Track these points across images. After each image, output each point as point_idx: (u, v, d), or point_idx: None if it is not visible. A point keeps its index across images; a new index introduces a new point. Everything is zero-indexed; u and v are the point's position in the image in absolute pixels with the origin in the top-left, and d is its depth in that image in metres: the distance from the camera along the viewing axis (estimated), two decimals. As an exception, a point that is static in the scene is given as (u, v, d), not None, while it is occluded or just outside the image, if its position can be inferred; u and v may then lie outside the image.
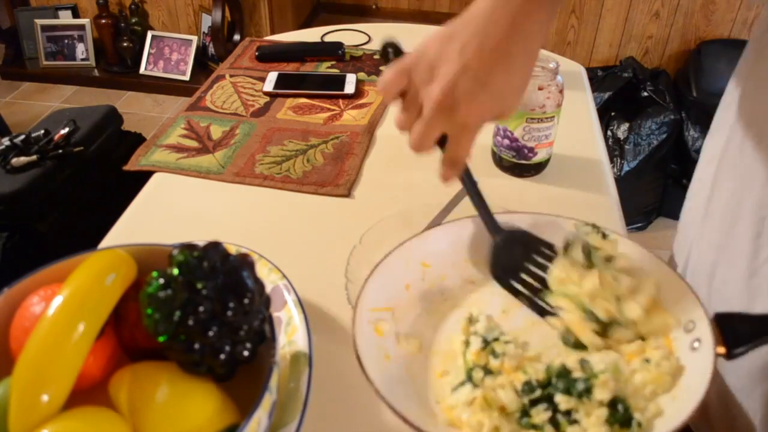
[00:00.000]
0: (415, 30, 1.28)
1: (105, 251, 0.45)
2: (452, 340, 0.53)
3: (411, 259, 0.57)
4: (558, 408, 0.45)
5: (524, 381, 0.46)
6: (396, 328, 0.53)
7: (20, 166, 1.47)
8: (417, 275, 0.58)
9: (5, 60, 2.95)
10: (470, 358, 0.49)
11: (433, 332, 0.54)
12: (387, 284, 0.55)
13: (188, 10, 2.84)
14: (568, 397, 0.45)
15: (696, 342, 0.47)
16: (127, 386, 0.41)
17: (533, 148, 0.80)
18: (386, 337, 0.52)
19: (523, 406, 0.46)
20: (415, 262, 0.58)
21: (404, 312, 0.55)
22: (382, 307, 0.54)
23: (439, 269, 0.58)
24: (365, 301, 0.52)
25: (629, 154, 2.06)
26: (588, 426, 0.44)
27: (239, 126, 0.93)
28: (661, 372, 0.46)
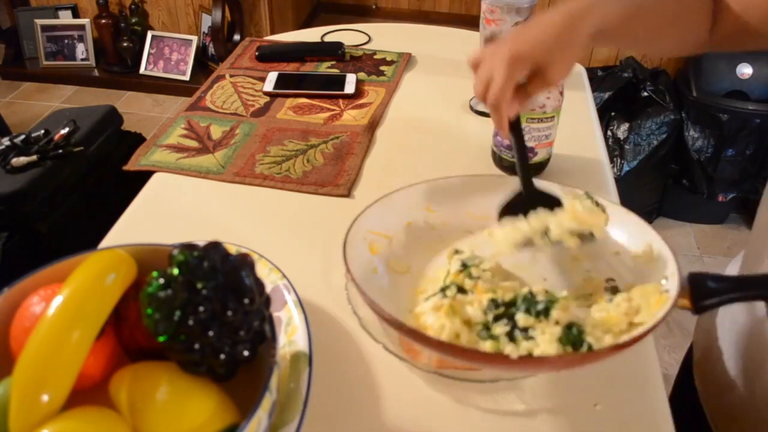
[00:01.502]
0: (415, 30, 1.28)
1: (105, 251, 0.45)
2: (439, 269, 0.57)
3: (417, 201, 0.62)
4: (517, 324, 0.48)
5: (490, 299, 0.49)
6: (389, 253, 0.58)
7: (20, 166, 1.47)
8: (420, 216, 0.62)
9: (5, 60, 2.95)
10: (449, 279, 0.52)
11: (422, 263, 0.59)
12: (389, 215, 0.59)
13: (188, 10, 2.84)
14: (527, 315, 0.48)
15: (665, 293, 0.49)
16: (127, 386, 0.41)
17: (533, 148, 0.80)
18: (379, 255, 0.56)
19: (486, 322, 0.48)
20: (420, 205, 0.62)
21: (400, 243, 0.59)
22: (381, 233, 0.58)
23: (442, 216, 0.62)
24: (365, 221, 0.56)
25: (629, 154, 2.06)
26: (541, 342, 0.46)
27: (239, 126, 0.93)
28: (619, 311, 0.49)
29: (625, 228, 0.58)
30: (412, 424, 0.53)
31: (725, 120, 2.01)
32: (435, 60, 1.14)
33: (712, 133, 2.05)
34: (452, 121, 0.96)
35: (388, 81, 1.05)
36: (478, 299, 0.50)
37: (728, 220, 2.21)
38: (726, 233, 2.18)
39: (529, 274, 0.57)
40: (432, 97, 1.03)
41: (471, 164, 0.85)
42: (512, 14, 0.98)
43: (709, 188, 2.11)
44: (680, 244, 2.13)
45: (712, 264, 2.01)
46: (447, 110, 0.99)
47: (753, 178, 2.08)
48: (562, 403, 0.55)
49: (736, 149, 2.04)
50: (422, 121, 0.96)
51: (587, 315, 0.50)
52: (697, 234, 2.18)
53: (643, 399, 0.55)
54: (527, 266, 0.58)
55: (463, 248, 0.57)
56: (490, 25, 1.00)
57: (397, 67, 1.10)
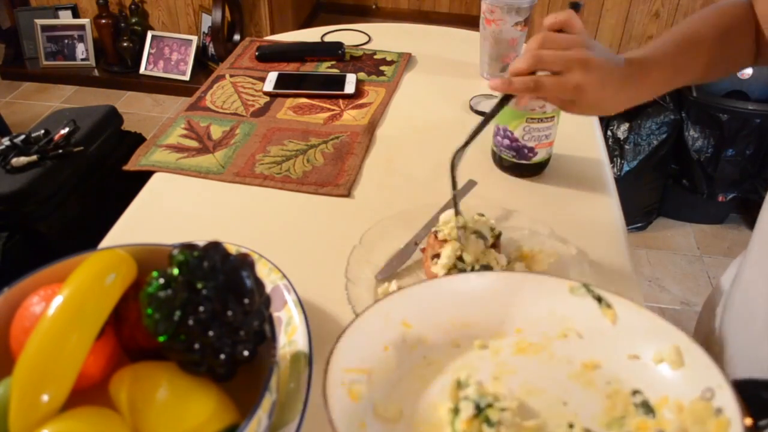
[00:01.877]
0: (415, 30, 1.28)
1: (105, 251, 0.45)
2: (437, 408, 0.47)
3: (390, 317, 0.52)
4: None
5: None
6: (372, 394, 0.47)
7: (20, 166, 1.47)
8: (397, 336, 0.51)
9: (5, 60, 2.95)
10: (460, 427, 0.44)
11: (415, 399, 0.48)
12: (363, 343, 0.49)
13: (188, 10, 2.84)
14: None
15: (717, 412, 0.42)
16: (127, 386, 0.41)
17: (533, 148, 0.80)
18: (362, 402, 0.46)
19: None
20: (395, 322, 0.52)
21: (382, 376, 0.49)
22: (357, 368, 0.48)
23: (422, 330, 0.52)
24: (338, 359, 0.46)
25: (629, 154, 2.06)
26: None
27: (239, 126, 0.93)
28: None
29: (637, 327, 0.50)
30: (412, 424, 0.53)
31: (725, 120, 2.01)
32: (435, 60, 1.14)
33: (712, 133, 2.05)
34: (452, 121, 0.96)
35: (388, 81, 1.05)
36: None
37: (728, 220, 2.21)
38: (726, 233, 2.18)
39: (545, 399, 0.48)
40: (432, 97, 1.03)
41: (471, 164, 0.85)
42: (512, 14, 0.98)
43: (709, 188, 2.11)
44: (680, 244, 2.13)
45: (712, 264, 2.01)
46: (447, 110, 0.99)
47: (753, 178, 2.08)
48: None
49: (736, 149, 2.04)
50: (422, 121, 0.96)
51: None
52: (697, 234, 2.18)
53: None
54: (539, 386, 0.49)
55: (462, 376, 0.47)
56: (490, 25, 1.00)
57: (397, 67, 1.10)
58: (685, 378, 0.45)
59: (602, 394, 0.48)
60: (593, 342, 0.51)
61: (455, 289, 0.54)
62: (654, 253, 2.07)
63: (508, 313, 0.53)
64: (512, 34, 1.00)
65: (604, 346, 0.50)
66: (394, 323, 0.52)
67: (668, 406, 0.45)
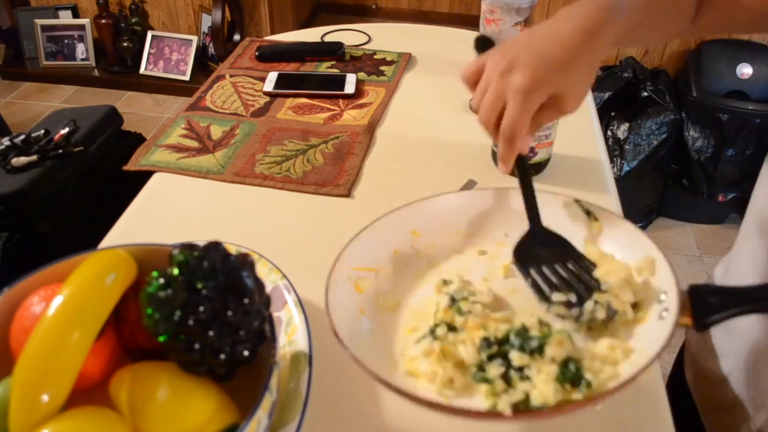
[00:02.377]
0: (415, 30, 1.28)
1: (105, 251, 0.45)
2: (427, 302, 0.54)
3: (402, 226, 0.58)
4: (512, 364, 0.46)
5: (483, 337, 0.47)
6: (377, 288, 0.54)
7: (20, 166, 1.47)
8: (406, 242, 0.58)
9: (5, 60, 2.95)
10: (438, 315, 0.50)
11: (412, 293, 0.56)
12: (374, 246, 0.56)
13: (188, 10, 2.84)
14: (521, 353, 0.46)
15: (664, 311, 0.46)
16: (127, 386, 0.41)
17: (533, 148, 0.80)
18: (365, 294, 0.53)
19: (480, 362, 0.47)
20: (405, 230, 0.58)
21: (388, 274, 0.56)
22: (366, 267, 0.55)
23: (429, 238, 0.59)
24: (347, 259, 0.53)
25: (629, 154, 2.06)
26: (538, 382, 0.44)
27: (239, 126, 0.93)
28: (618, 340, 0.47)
29: (618, 238, 0.54)
30: (412, 424, 0.53)
31: (725, 120, 2.01)
32: (435, 60, 1.14)
33: (712, 133, 2.05)
34: (452, 121, 0.96)
35: (388, 81, 1.05)
36: (470, 337, 0.48)
37: (728, 220, 2.21)
38: (726, 233, 2.18)
39: (521, 298, 0.53)
40: (432, 97, 1.03)
41: (471, 164, 0.85)
42: (512, 14, 0.98)
43: (709, 188, 2.12)
44: (680, 244, 2.13)
45: (712, 264, 2.01)
46: (447, 110, 0.99)
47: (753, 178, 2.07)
48: (562, 403, 0.55)
49: (736, 149, 2.04)
50: (422, 121, 0.96)
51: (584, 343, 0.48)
52: (697, 234, 2.18)
53: (643, 399, 0.55)
54: (521, 288, 0.54)
55: (452, 275, 0.55)
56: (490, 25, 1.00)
57: (397, 67, 1.10)
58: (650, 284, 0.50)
59: None
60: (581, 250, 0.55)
61: (462, 203, 0.61)
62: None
63: (508, 225, 0.58)
64: (512, 34, 1.00)
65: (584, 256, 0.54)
66: (404, 231, 0.58)
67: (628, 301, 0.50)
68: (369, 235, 0.56)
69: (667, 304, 0.47)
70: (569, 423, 0.53)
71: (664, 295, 0.48)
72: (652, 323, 0.47)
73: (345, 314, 0.49)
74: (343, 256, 0.53)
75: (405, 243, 0.58)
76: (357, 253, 0.54)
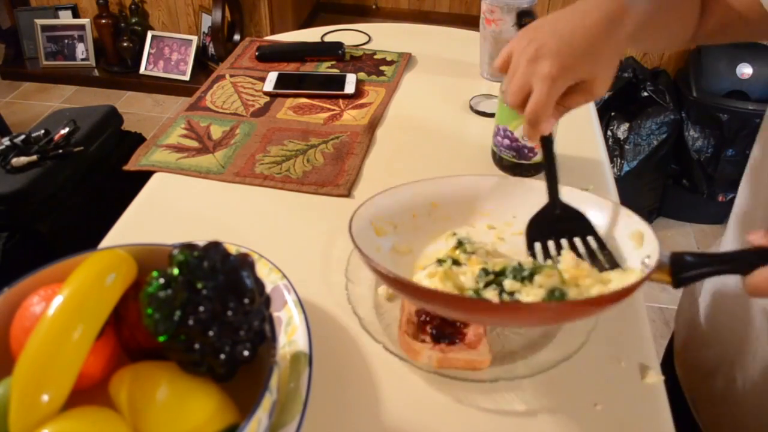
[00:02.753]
0: (415, 30, 1.28)
1: (105, 251, 0.45)
2: (438, 252, 0.60)
3: (423, 196, 0.64)
4: (504, 289, 0.51)
5: (481, 268, 0.53)
6: (394, 236, 0.61)
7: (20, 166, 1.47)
8: (425, 210, 0.64)
9: (5, 60, 2.95)
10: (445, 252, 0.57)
11: (424, 245, 0.62)
12: (395, 207, 0.62)
13: (188, 10, 2.84)
14: (514, 281, 0.51)
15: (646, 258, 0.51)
16: (127, 386, 0.41)
17: (533, 148, 0.80)
18: (383, 237, 0.60)
19: (477, 289, 0.52)
20: (425, 199, 0.65)
21: (405, 230, 0.62)
22: (388, 221, 0.62)
23: (447, 212, 0.65)
24: (372, 207, 0.60)
25: (629, 154, 2.06)
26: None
27: (239, 126, 0.93)
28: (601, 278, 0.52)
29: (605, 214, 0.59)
30: (412, 424, 0.53)
31: (725, 120, 2.01)
32: (435, 60, 1.14)
33: (712, 133, 2.05)
34: (452, 121, 0.96)
35: (388, 81, 1.05)
36: (471, 269, 0.54)
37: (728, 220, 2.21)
38: (726, 233, 2.18)
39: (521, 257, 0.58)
40: (432, 97, 1.03)
41: (471, 164, 0.85)
42: (512, 14, 0.98)
43: (709, 188, 2.12)
44: (680, 244, 2.13)
45: (712, 264, 2.01)
46: (447, 110, 0.99)
47: (753, 178, 2.08)
48: (562, 403, 0.55)
49: (736, 149, 2.04)
50: (422, 121, 0.96)
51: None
52: (697, 234, 2.18)
53: (642, 399, 0.55)
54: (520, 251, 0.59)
55: (462, 233, 0.61)
56: (490, 25, 1.00)
57: (397, 67, 1.10)
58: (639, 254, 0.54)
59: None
60: None
61: (481, 185, 0.67)
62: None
63: (519, 208, 0.64)
64: (512, 34, 1.00)
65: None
66: (425, 201, 0.65)
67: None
68: (393, 195, 0.62)
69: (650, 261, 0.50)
70: (569, 422, 0.53)
71: (647, 259, 0.51)
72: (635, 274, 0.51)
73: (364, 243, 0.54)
74: (369, 202, 0.59)
75: (424, 211, 0.64)
76: (382, 206, 0.61)
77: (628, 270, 0.52)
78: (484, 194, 0.66)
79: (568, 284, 0.51)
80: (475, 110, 0.98)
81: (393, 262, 0.59)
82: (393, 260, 0.59)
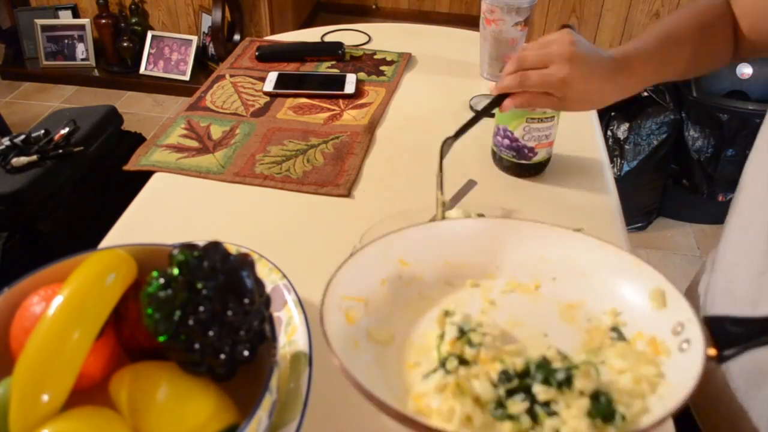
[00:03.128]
0: (415, 30, 1.28)
1: (105, 251, 0.45)
2: (427, 335, 0.50)
3: (389, 254, 0.54)
4: (536, 399, 0.42)
5: (501, 370, 0.44)
6: (368, 320, 0.50)
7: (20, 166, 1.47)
8: (394, 272, 0.54)
9: (5, 60, 2.95)
10: (445, 348, 0.46)
11: (407, 327, 0.51)
12: (362, 275, 0.52)
13: (188, 10, 2.84)
14: (547, 387, 0.42)
15: (685, 343, 0.44)
16: (127, 386, 0.41)
17: (533, 148, 0.80)
18: (356, 325, 0.49)
19: (499, 398, 0.43)
20: (392, 259, 0.54)
21: (377, 306, 0.52)
22: (354, 296, 0.51)
23: (418, 268, 0.55)
24: (338, 285, 0.49)
25: (629, 154, 2.06)
26: (568, 418, 0.41)
27: (239, 126, 0.93)
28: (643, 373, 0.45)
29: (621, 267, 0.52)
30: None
31: (725, 120, 2.01)
32: (435, 60, 1.14)
33: (712, 133, 2.05)
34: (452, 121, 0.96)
35: (388, 81, 1.05)
36: (485, 371, 0.44)
37: (728, 220, 2.21)
38: (726, 233, 2.18)
39: (527, 331, 0.50)
40: (432, 97, 1.03)
41: (471, 164, 0.85)
42: (512, 14, 0.98)
43: (709, 188, 2.11)
44: (680, 244, 2.13)
45: (712, 264, 2.01)
46: (447, 110, 0.99)
47: (753, 178, 2.08)
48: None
49: (736, 149, 2.04)
50: (422, 121, 0.96)
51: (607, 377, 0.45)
52: (697, 234, 2.18)
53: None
54: (523, 320, 0.51)
55: (450, 307, 0.51)
56: (490, 25, 1.00)
57: (397, 67, 1.10)
58: (662, 317, 0.48)
59: (582, 330, 0.50)
60: (580, 285, 0.53)
61: (452, 232, 0.57)
62: (654, 253, 2.07)
63: (501, 256, 0.56)
64: (512, 34, 1.00)
65: (590, 289, 0.52)
66: (391, 260, 0.54)
67: (642, 339, 0.48)
68: (356, 263, 0.52)
69: (687, 335, 0.45)
70: (569, 423, 0.53)
71: (680, 327, 0.46)
72: (674, 356, 0.45)
73: (341, 345, 0.45)
74: (332, 283, 0.49)
75: (393, 272, 0.54)
76: (346, 280, 0.50)
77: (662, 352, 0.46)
78: (456, 242, 0.56)
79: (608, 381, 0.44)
80: (475, 110, 0.98)
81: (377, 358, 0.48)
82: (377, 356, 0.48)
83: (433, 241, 0.56)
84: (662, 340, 0.47)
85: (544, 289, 0.54)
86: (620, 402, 0.42)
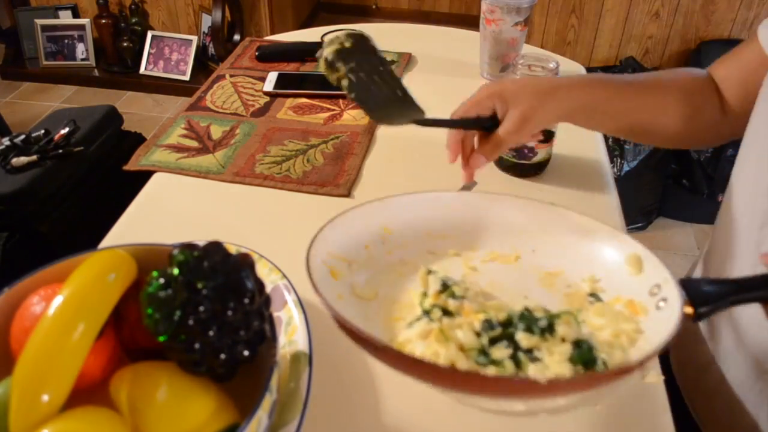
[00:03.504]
0: (415, 30, 1.28)
1: (105, 251, 0.45)
2: (409, 292, 0.51)
3: (373, 220, 0.55)
4: (519, 346, 0.43)
5: (484, 319, 0.44)
6: (352, 278, 0.51)
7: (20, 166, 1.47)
8: (377, 238, 0.55)
9: (5, 60, 2.95)
10: (428, 302, 0.47)
11: (390, 287, 0.52)
12: (346, 238, 0.53)
13: (188, 10, 2.84)
14: (529, 334, 0.43)
15: (662, 302, 0.45)
16: (127, 386, 0.41)
17: (533, 148, 0.80)
18: (341, 281, 0.50)
19: (482, 346, 0.43)
20: (376, 225, 0.55)
21: (361, 267, 0.52)
22: (339, 256, 0.52)
23: (401, 237, 0.56)
24: (324, 242, 0.50)
25: (629, 154, 2.06)
26: (550, 363, 0.42)
27: (239, 126, 0.93)
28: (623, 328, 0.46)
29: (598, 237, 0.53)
30: (413, 424, 0.53)
31: (725, 120, 2.01)
32: (435, 60, 1.14)
33: (712, 133, 2.05)
34: (452, 121, 0.96)
35: (388, 81, 1.05)
36: (468, 321, 0.45)
37: (728, 220, 2.21)
38: (726, 233, 2.18)
39: (508, 293, 0.52)
40: (432, 97, 1.03)
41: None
42: (512, 14, 0.98)
43: (709, 188, 2.11)
44: (680, 244, 2.13)
45: (712, 264, 2.01)
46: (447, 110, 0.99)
47: (753, 178, 2.08)
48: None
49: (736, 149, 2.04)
50: (422, 121, 0.96)
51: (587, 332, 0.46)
52: (697, 234, 2.18)
53: (642, 398, 0.55)
54: (504, 285, 0.52)
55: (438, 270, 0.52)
56: (490, 25, 1.00)
57: (397, 67, 1.10)
58: (639, 280, 0.49)
59: (561, 294, 0.51)
60: (559, 255, 0.53)
61: (437, 202, 0.58)
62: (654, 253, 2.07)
63: (482, 229, 0.57)
64: (512, 34, 1.00)
65: (569, 259, 0.53)
66: (375, 227, 0.55)
67: (620, 302, 0.49)
68: (341, 225, 0.52)
69: (664, 294, 0.46)
70: (569, 422, 0.53)
71: (656, 288, 0.47)
72: (651, 314, 0.46)
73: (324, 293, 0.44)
74: (318, 238, 0.50)
75: (376, 239, 0.55)
76: (330, 240, 0.51)
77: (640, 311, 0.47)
78: (440, 213, 0.57)
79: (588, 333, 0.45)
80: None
81: (360, 311, 0.49)
82: (360, 309, 0.49)
83: (417, 211, 0.57)
84: (640, 301, 0.47)
85: (524, 259, 0.55)
86: (601, 351, 0.43)
